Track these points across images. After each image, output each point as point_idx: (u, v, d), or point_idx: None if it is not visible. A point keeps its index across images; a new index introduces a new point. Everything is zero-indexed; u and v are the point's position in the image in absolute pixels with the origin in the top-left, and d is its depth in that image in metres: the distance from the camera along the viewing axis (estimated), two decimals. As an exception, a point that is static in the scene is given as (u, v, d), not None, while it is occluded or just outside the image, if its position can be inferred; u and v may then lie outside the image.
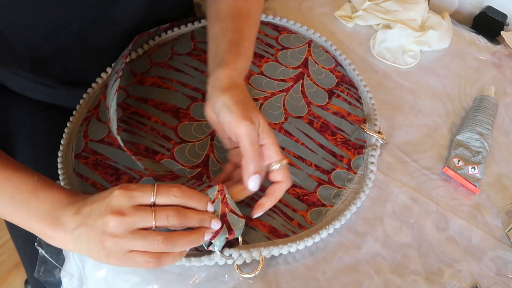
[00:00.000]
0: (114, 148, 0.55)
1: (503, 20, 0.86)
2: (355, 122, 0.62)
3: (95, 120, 0.58)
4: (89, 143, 0.56)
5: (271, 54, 0.67)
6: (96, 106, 0.60)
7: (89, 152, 0.55)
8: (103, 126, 0.57)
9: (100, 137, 0.57)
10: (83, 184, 0.53)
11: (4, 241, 1.20)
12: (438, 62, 0.78)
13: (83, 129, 0.58)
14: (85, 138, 0.57)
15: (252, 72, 0.65)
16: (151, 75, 0.63)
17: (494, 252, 0.56)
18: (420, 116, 0.69)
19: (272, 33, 0.71)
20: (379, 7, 0.80)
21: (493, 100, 0.69)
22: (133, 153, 0.51)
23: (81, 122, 0.59)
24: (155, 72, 0.63)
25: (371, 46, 0.77)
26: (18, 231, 0.69)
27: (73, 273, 0.53)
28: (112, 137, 0.56)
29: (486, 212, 0.60)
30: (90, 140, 0.56)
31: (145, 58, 0.65)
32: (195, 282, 0.49)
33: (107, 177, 0.53)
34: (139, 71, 0.63)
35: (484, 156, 0.63)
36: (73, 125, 0.59)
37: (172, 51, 0.66)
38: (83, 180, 0.53)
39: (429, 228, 0.57)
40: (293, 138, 0.59)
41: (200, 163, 0.55)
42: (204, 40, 0.67)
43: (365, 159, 0.59)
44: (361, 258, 0.53)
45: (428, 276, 0.53)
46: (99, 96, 0.61)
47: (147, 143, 0.56)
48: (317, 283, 0.50)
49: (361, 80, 0.68)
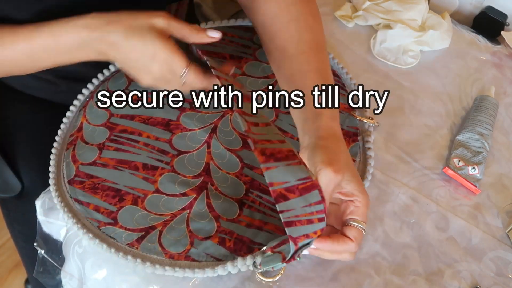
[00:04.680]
0: (110, 169, 0.54)
1: (503, 20, 0.86)
2: (345, 110, 0.62)
3: (81, 143, 0.57)
4: (80, 167, 0.55)
5: (249, 54, 0.66)
6: (78, 129, 0.58)
7: (83, 176, 0.54)
8: (91, 148, 0.56)
9: (92, 160, 0.55)
10: (86, 211, 0.51)
11: (4, 241, 1.20)
12: (438, 62, 0.78)
13: (70, 153, 0.56)
14: (74, 163, 0.55)
15: (234, 74, 0.64)
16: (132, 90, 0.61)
17: (494, 252, 0.56)
18: (420, 116, 0.69)
19: (245, 34, 0.70)
20: (379, 7, 0.80)
21: (493, 100, 0.69)
22: (205, 53, 0.50)
23: (66, 147, 0.57)
24: (135, 88, 0.61)
25: (371, 46, 0.77)
26: (18, 231, 0.69)
27: (73, 274, 0.53)
28: (105, 158, 0.55)
29: (486, 212, 0.60)
30: (81, 164, 0.55)
31: (121, 75, 0.63)
32: (195, 283, 0.48)
33: (109, 199, 0.52)
34: (118, 88, 0.62)
35: (485, 156, 0.63)
36: (58, 151, 0.57)
37: None
38: (84, 206, 0.52)
39: (429, 228, 0.57)
40: (288, 135, 0.59)
41: (202, 172, 0.55)
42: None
43: (361, 145, 0.59)
44: (361, 258, 0.53)
45: (428, 277, 0.53)
46: (80, 119, 0.59)
47: (143, 159, 0.55)
48: (317, 283, 0.50)
49: (342, 67, 0.68)
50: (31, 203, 0.57)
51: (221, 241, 0.49)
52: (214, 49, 0.66)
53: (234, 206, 0.52)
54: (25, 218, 0.66)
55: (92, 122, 0.58)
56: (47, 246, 0.55)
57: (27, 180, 0.65)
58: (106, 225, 0.50)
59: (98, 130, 0.57)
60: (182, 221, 0.51)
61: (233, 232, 0.50)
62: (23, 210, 0.66)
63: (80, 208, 0.52)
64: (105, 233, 0.50)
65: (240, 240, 0.50)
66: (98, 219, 0.51)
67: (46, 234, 0.56)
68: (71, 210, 0.52)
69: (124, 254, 0.48)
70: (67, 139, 0.58)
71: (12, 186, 0.64)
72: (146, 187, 0.53)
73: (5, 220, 0.70)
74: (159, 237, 0.49)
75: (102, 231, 0.50)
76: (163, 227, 0.50)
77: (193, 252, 0.49)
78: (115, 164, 0.54)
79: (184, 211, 0.51)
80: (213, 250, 0.49)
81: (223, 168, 0.55)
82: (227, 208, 0.52)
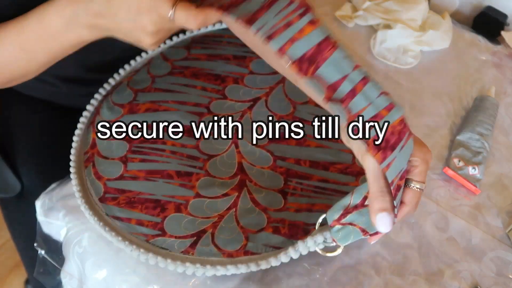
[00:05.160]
0: (142, 181, 0.53)
1: (503, 20, 0.86)
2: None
3: (100, 159, 0.55)
4: (108, 183, 0.53)
5: (252, 52, 0.64)
6: (92, 145, 0.57)
7: (113, 192, 0.53)
8: (114, 162, 0.55)
9: (119, 174, 0.54)
10: (129, 226, 0.50)
11: (4, 241, 1.20)
12: (438, 62, 0.78)
13: (92, 171, 0.54)
14: (99, 179, 0.53)
15: (242, 74, 0.64)
16: (141, 102, 0.60)
17: (495, 253, 0.56)
18: (420, 116, 0.69)
19: None
20: (379, 7, 0.80)
21: (493, 100, 0.69)
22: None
23: (84, 165, 0.55)
24: (144, 98, 0.61)
25: (371, 46, 0.77)
26: (19, 231, 0.69)
27: (73, 274, 0.53)
28: (133, 171, 0.54)
29: (486, 212, 0.60)
30: (107, 180, 0.53)
31: (124, 88, 0.62)
32: (195, 283, 0.48)
33: (151, 211, 0.51)
34: (124, 101, 0.61)
35: (485, 157, 0.63)
36: (75, 170, 0.55)
37: (150, 74, 0.64)
38: (125, 222, 0.50)
39: (430, 228, 0.57)
40: (308, 123, 0.58)
41: (237, 171, 0.55)
42: (179, 57, 0.66)
43: None
44: (361, 258, 0.53)
45: (428, 277, 0.53)
46: (91, 135, 0.58)
47: (175, 167, 0.54)
48: (317, 283, 0.50)
49: None
50: (31, 203, 0.57)
51: (275, 230, 0.49)
52: (215, 52, 0.66)
53: (277, 197, 0.53)
54: (25, 218, 0.66)
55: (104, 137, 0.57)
56: (47, 246, 0.55)
57: (27, 180, 0.65)
58: (155, 237, 0.49)
59: (115, 144, 0.56)
60: (231, 219, 0.50)
61: (285, 219, 0.50)
62: (23, 210, 0.66)
63: (121, 224, 0.50)
64: (156, 245, 0.49)
65: (293, 225, 0.50)
66: (144, 233, 0.49)
67: (46, 234, 0.56)
68: (113, 229, 0.50)
69: (182, 262, 0.47)
70: (82, 157, 0.57)
71: (12, 186, 0.64)
72: (186, 193, 0.52)
73: (5, 220, 0.70)
74: (212, 239, 0.49)
75: (152, 244, 0.49)
76: (213, 229, 0.49)
77: (250, 246, 0.48)
78: (146, 175, 0.53)
79: (230, 210, 0.51)
80: (270, 240, 0.49)
81: (256, 164, 0.55)
82: (271, 200, 0.52)
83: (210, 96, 0.61)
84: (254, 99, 0.61)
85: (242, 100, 0.61)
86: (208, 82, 0.63)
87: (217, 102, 0.61)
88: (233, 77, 0.64)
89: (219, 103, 0.61)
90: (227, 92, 0.62)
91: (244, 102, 0.61)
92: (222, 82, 0.63)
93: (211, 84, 0.63)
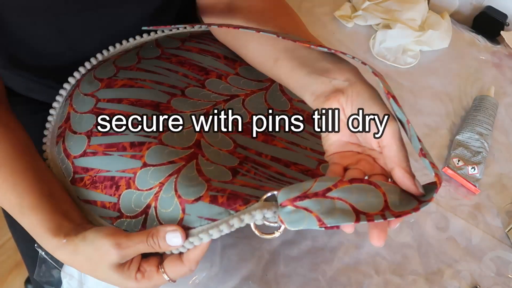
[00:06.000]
0: (100, 156, 0.50)
1: (503, 20, 0.86)
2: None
3: (70, 133, 0.52)
4: (75, 161, 0.50)
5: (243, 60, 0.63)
6: (66, 119, 0.54)
7: (79, 171, 0.50)
8: (80, 137, 0.51)
9: (82, 150, 0.51)
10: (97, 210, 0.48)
11: (4, 241, 1.20)
12: (438, 62, 0.78)
13: (61, 147, 0.51)
14: (68, 158, 0.51)
15: (228, 72, 0.63)
16: (119, 78, 0.58)
17: (494, 252, 0.56)
18: (420, 116, 0.69)
19: None
20: (379, 7, 0.80)
21: (493, 100, 0.69)
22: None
23: (56, 141, 0.53)
24: (123, 75, 0.58)
25: (371, 46, 0.77)
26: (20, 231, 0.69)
27: (73, 274, 0.54)
28: (94, 146, 0.50)
29: (486, 212, 0.60)
30: (74, 158, 0.50)
31: (109, 64, 0.60)
32: (195, 282, 0.49)
33: (108, 190, 0.48)
34: (105, 76, 0.58)
35: (484, 156, 0.63)
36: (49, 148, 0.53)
37: (138, 56, 0.62)
38: (92, 205, 0.48)
39: (429, 228, 0.57)
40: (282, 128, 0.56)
41: (192, 145, 0.50)
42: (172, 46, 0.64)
43: None
44: (361, 258, 0.53)
45: (428, 276, 0.53)
46: (67, 109, 0.55)
47: (130, 138, 0.51)
48: (317, 283, 0.50)
49: None
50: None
51: (212, 200, 0.44)
52: (208, 48, 0.65)
53: (226, 172, 0.48)
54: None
55: (79, 110, 0.54)
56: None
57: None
58: (117, 219, 0.47)
59: (85, 117, 0.53)
60: (170, 188, 0.46)
61: (226, 189, 0.45)
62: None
63: (91, 208, 0.48)
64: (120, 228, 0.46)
65: (234, 195, 0.44)
66: (110, 216, 0.47)
67: (46, 235, 0.56)
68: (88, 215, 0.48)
69: None
70: (55, 132, 0.54)
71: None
72: (135, 164, 0.48)
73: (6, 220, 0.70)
74: (156, 214, 0.46)
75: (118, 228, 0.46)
76: (155, 201, 0.46)
77: (186, 220, 0.44)
78: (104, 150, 0.50)
79: (171, 177, 0.46)
80: (205, 211, 0.44)
81: (215, 145, 0.51)
82: (218, 174, 0.48)
83: (189, 83, 0.59)
84: (232, 96, 0.59)
85: (220, 93, 0.59)
86: (192, 71, 0.61)
87: (194, 88, 0.58)
88: (218, 73, 0.62)
89: (195, 90, 0.58)
90: (207, 83, 0.59)
91: (221, 95, 0.58)
92: (205, 74, 0.61)
93: (194, 73, 0.60)
